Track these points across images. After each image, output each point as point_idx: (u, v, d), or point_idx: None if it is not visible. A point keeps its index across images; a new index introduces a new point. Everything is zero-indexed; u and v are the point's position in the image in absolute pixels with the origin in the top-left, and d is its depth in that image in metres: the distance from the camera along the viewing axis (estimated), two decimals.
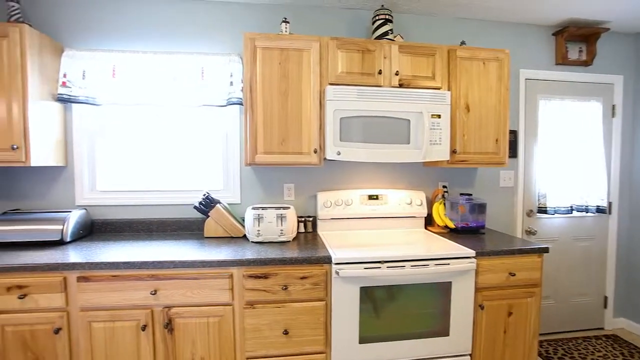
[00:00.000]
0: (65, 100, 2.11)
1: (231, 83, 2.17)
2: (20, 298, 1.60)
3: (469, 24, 2.55)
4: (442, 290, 1.80)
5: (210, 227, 2.09)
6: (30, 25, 1.95)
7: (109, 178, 2.30)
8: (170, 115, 2.32)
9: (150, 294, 1.64)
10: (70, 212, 2.05)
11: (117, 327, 1.66)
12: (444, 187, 2.48)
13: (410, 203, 2.34)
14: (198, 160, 2.34)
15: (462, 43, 2.34)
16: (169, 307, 1.66)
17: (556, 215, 2.72)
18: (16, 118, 1.89)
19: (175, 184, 2.33)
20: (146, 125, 2.31)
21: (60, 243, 1.97)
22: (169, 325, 1.67)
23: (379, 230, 2.32)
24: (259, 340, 1.70)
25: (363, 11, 2.42)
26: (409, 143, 2.02)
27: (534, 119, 2.68)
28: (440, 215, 2.32)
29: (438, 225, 2.35)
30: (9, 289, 1.60)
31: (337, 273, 1.69)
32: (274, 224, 1.95)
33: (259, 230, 1.95)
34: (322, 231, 2.28)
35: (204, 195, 2.10)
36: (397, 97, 2.00)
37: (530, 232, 2.70)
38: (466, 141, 2.18)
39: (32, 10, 2.20)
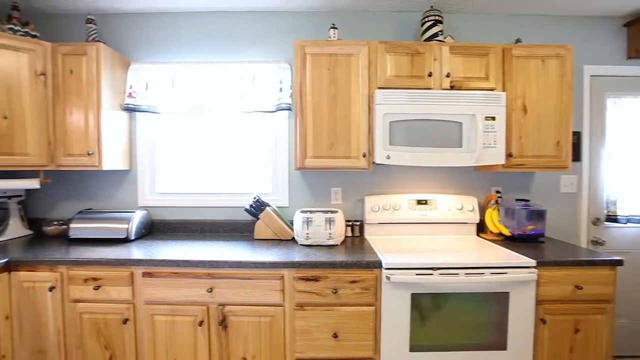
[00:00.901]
0: (130, 110, 2.30)
1: (280, 89, 2.23)
2: (95, 289, 1.76)
3: (524, 21, 2.42)
4: (498, 301, 1.71)
5: (260, 229, 2.16)
6: (104, 43, 2.15)
7: (167, 181, 2.46)
8: (222, 121, 2.44)
9: (207, 291, 1.72)
10: (133, 212, 2.22)
11: (176, 321, 1.76)
12: (498, 192, 2.36)
13: (461, 208, 2.26)
14: (248, 164, 2.44)
15: (518, 41, 2.22)
16: (224, 305, 1.74)
17: (629, 224, 2.47)
18: (92, 127, 2.09)
19: (226, 187, 2.44)
20: (201, 131, 2.45)
21: (125, 240, 2.13)
22: (223, 323, 1.74)
23: (428, 236, 2.25)
24: (309, 342, 1.72)
25: (411, 13, 2.39)
26: (461, 146, 1.95)
27: (600, 119, 2.47)
28: (494, 221, 2.20)
29: (491, 232, 2.23)
30: (85, 280, 1.77)
31: (387, 278, 1.67)
32: (322, 227, 1.97)
33: (308, 234, 1.98)
34: (370, 235, 2.26)
35: (254, 198, 2.18)
36: (448, 100, 1.95)
37: (597, 243, 2.48)
38: (523, 144, 2.06)
39: (105, 30, 2.43)
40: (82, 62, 2.09)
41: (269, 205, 2.19)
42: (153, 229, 2.41)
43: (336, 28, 2.14)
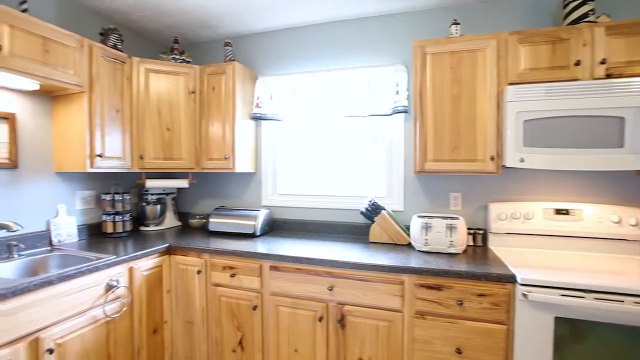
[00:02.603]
0: (257, 118, 2.57)
1: (397, 92, 2.21)
2: (231, 276, 2.01)
3: None
4: None
5: (375, 232, 2.16)
6: (238, 62, 2.47)
7: (287, 183, 2.67)
8: (339, 126, 2.53)
9: (327, 289, 1.80)
10: (259, 210, 2.47)
11: (298, 313, 1.88)
12: None
13: (619, 222, 1.86)
14: (363, 167, 2.47)
15: None
16: (342, 304, 1.79)
17: None
18: (228, 135, 2.41)
19: (342, 189, 2.52)
20: (318, 135, 2.59)
21: (252, 236, 2.38)
22: (341, 321, 1.79)
23: (570, 252, 1.93)
24: (429, 354, 1.64)
25: None
26: (622, 146, 1.62)
27: None
28: None
29: None
30: (224, 268, 2.03)
31: (524, 295, 1.48)
32: (442, 234, 1.87)
33: (426, 240, 1.90)
34: (495, 246, 2.05)
35: (370, 201, 2.20)
36: (602, 91, 1.64)
37: None
38: None
39: (237, 50, 2.78)
40: (221, 80, 2.44)
41: (384, 209, 2.17)
42: (274, 227, 2.64)
43: (458, 24, 2.02)
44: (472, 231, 2.09)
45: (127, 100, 2.27)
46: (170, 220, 2.76)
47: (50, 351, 1.50)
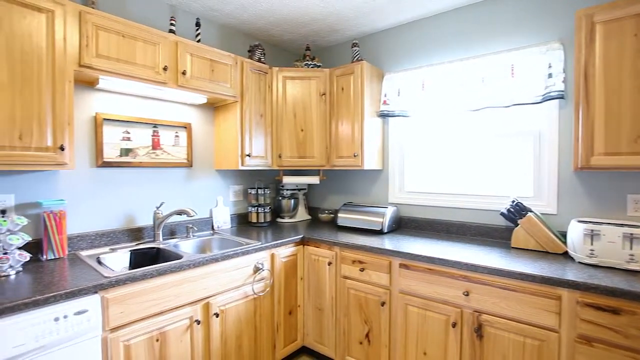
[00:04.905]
0: (384, 116, 2.57)
1: (549, 75, 1.89)
2: (360, 271, 2.07)
3: None
4: None
5: (519, 237, 1.90)
6: (365, 61, 2.51)
7: (414, 180, 2.59)
8: (473, 119, 2.32)
9: (463, 294, 1.67)
10: (386, 208, 2.46)
11: (428, 315, 1.81)
12: None
13: None
14: (503, 164, 2.20)
15: None
16: (480, 312, 1.64)
17: None
18: (357, 133, 2.48)
19: (476, 188, 2.30)
20: (450, 130, 2.42)
21: (380, 232, 2.40)
22: (478, 331, 1.64)
23: None
24: None
25: None
26: None
27: None
28: None
29: None
30: (353, 261, 2.11)
31: None
32: (617, 245, 1.51)
33: (592, 250, 1.57)
34: None
35: (512, 202, 1.94)
36: None
37: None
38: None
39: (364, 49, 2.83)
40: (350, 80, 2.52)
41: (531, 211, 1.89)
42: (401, 225, 2.60)
43: None
44: None
45: (268, 106, 2.58)
46: (302, 214, 3.01)
47: (217, 315, 1.83)
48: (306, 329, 2.38)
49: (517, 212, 1.90)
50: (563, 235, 1.91)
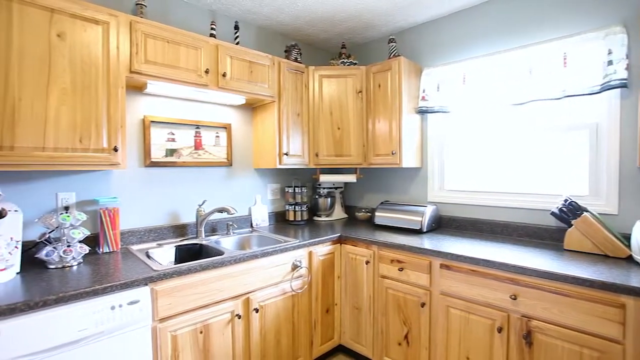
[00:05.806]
0: (423, 112, 2.49)
1: (609, 62, 1.73)
2: (399, 270, 2.03)
3: None
4: None
5: (573, 238, 1.76)
6: (402, 57, 2.45)
7: (455, 178, 2.49)
8: (519, 113, 2.18)
9: (510, 297, 1.58)
10: (425, 206, 2.39)
11: (471, 319, 1.73)
12: None
13: None
14: (552, 160, 2.06)
15: None
16: (529, 318, 1.54)
17: None
18: (394, 130, 2.43)
19: (523, 186, 2.17)
20: (493, 126, 2.30)
21: (419, 232, 2.33)
22: (527, 338, 1.54)
23: None
24: None
25: None
26: None
27: None
28: None
29: None
30: (391, 261, 2.07)
31: None
32: None
33: None
34: None
35: (565, 200, 1.81)
36: None
37: None
38: None
39: (401, 44, 2.77)
40: (387, 77, 2.48)
41: (587, 211, 1.75)
42: (441, 224, 2.51)
43: None
44: None
45: (305, 105, 2.60)
46: (338, 212, 3.01)
47: (256, 310, 1.88)
48: (343, 327, 2.37)
49: (571, 211, 1.77)
50: (625, 238, 1.74)
